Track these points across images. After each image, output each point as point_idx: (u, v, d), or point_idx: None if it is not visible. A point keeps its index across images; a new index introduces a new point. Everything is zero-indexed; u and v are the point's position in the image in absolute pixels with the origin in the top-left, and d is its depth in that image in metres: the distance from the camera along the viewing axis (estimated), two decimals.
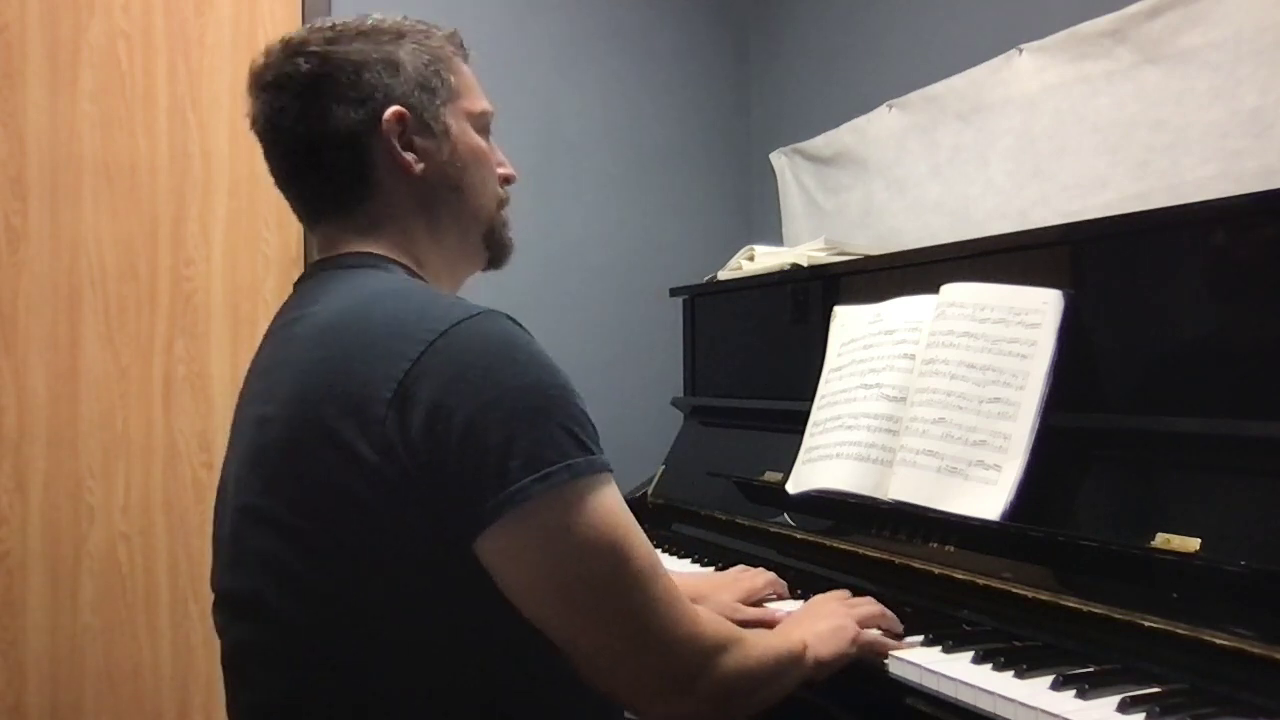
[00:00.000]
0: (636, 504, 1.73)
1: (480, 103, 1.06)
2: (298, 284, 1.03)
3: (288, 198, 1.04)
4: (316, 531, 0.85)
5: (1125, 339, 1.24)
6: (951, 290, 1.38)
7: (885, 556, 1.37)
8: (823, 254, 1.91)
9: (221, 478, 1.01)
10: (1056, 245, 1.37)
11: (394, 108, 0.97)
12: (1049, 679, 0.98)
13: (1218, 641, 0.96)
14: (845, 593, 1.21)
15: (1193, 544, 1.02)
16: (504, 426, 0.81)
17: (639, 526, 0.88)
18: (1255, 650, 0.92)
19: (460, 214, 1.04)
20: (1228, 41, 1.54)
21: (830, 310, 1.64)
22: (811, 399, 1.57)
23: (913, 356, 1.41)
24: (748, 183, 2.82)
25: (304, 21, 2.27)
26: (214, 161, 2.20)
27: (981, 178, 2.01)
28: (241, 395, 1.01)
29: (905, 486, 1.32)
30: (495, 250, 1.09)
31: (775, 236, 2.64)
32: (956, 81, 2.07)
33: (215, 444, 2.19)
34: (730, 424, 1.92)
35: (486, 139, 1.07)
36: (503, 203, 1.08)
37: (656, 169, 2.71)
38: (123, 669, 2.10)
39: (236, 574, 0.93)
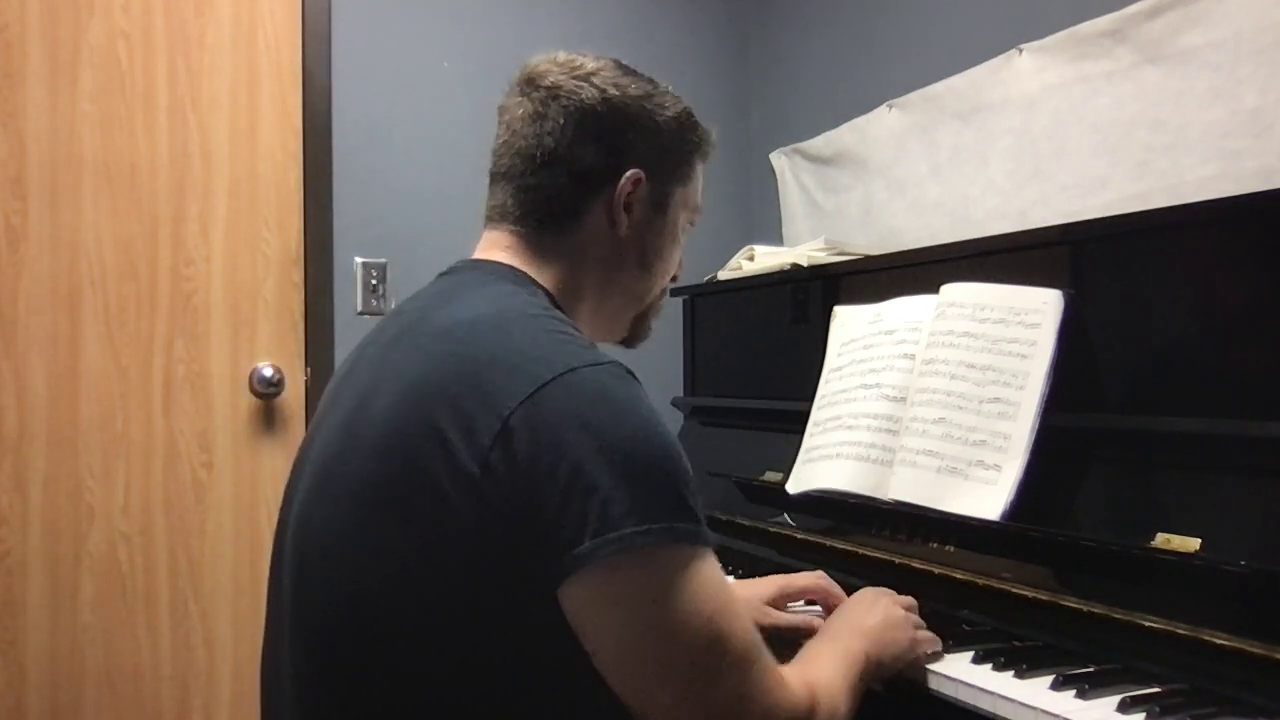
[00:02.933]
0: None
1: (698, 201, 1.10)
2: (443, 275, 1.03)
3: (491, 189, 1.04)
4: (388, 508, 0.83)
5: (1125, 339, 1.24)
6: (951, 290, 1.38)
7: (885, 556, 1.37)
8: (823, 254, 1.91)
9: (309, 431, 1.01)
10: (1056, 245, 1.37)
11: (637, 171, 1.00)
12: (1049, 679, 0.99)
13: (1218, 641, 0.96)
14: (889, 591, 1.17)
15: (1193, 544, 1.02)
16: (614, 472, 0.78)
17: (739, 605, 0.85)
18: (1255, 650, 0.92)
19: (631, 288, 1.06)
20: (1228, 41, 1.54)
21: (830, 310, 1.64)
22: (811, 399, 1.57)
23: (913, 356, 1.41)
24: (748, 183, 2.82)
25: (303, 22, 2.27)
26: (214, 161, 2.19)
27: (981, 178, 2.01)
28: (352, 361, 1.01)
29: (905, 486, 1.32)
30: (637, 332, 1.12)
31: (775, 236, 2.64)
32: (956, 81, 2.07)
33: (215, 444, 2.19)
34: (730, 424, 1.92)
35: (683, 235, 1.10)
36: (664, 293, 1.11)
37: None
38: (123, 669, 2.10)
39: (301, 541, 0.92)
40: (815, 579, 1.27)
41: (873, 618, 1.06)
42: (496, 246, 1.01)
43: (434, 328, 0.91)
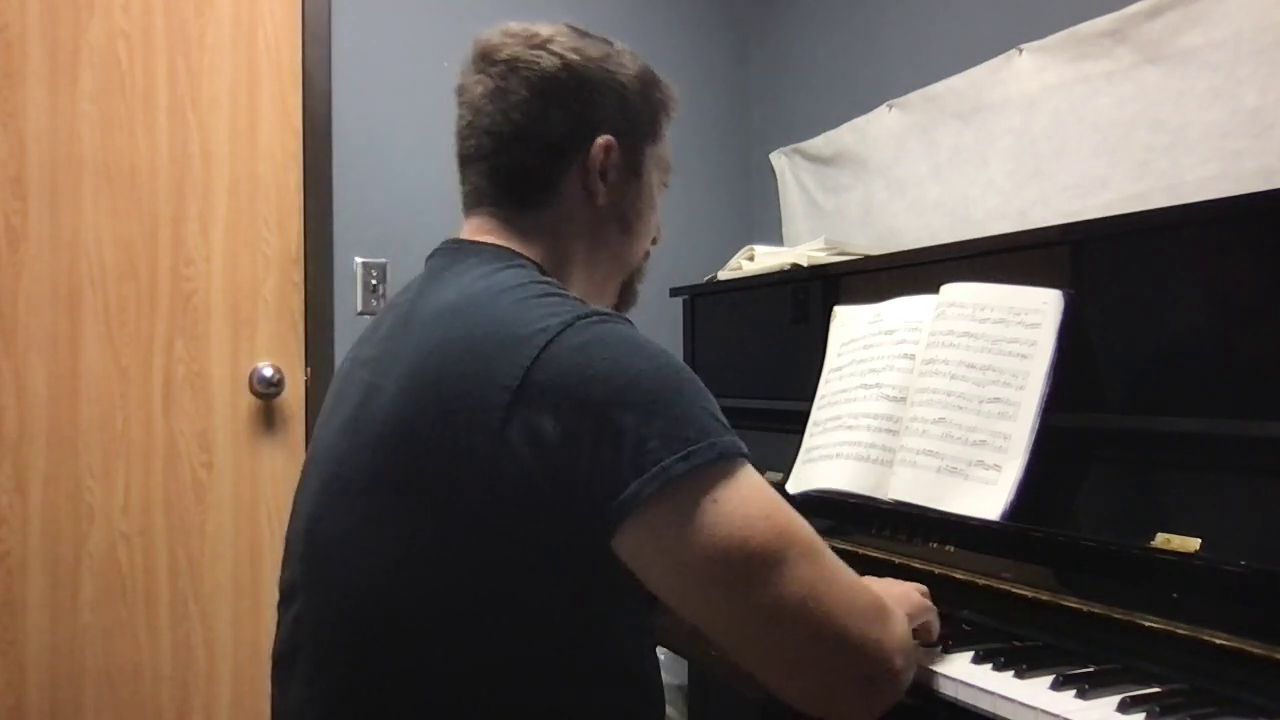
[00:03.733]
0: None
1: (669, 159, 1.09)
2: (429, 260, 1.01)
3: (463, 173, 1.02)
4: (402, 500, 0.82)
5: (1125, 339, 1.24)
6: (951, 290, 1.38)
7: (885, 556, 1.37)
8: (823, 254, 1.91)
9: (315, 434, 0.99)
10: (1056, 245, 1.37)
11: (608, 137, 0.98)
12: (1049, 679, 0.98)
13: (1218, 641, 0.96)
14: None
15: (1193, 544, 1.02)
16: (639, 409, 0.77)
17: (787, 504, 0.84)
18: (1255, 650, 0.92)
19: (617, 254, 1.05)
20: (1228, 41, 1.55)
21: (830, 310, 1.64)
22: (811, 399, 1.57)
23: (913, 356, 1.41)
24: (748, 183, 2.82)
25: (303, 22, 2.27)
26: (214, 161, 2.20)
27: (981, 178, 2.01)
28: (351, 359, 1.00)
29: (905, 486, 1.32)
30: (625, 299, 1.11)
31: (775, 236, 2.64)
32: (956, 81, 2.07)
33: (215, 444, 2.19)
34: (730, 424, 1.92)
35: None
36: (647, 257, 1.10)
37: None
38: (123, 669, 2.10)
39: (311, 546, 0.91)
40: None
41: (876, 583, 1.07)
42: (480, 231, 1.00)
43: (426, 314, 0.90)
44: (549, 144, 0.97)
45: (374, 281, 2.34)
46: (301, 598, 0.92)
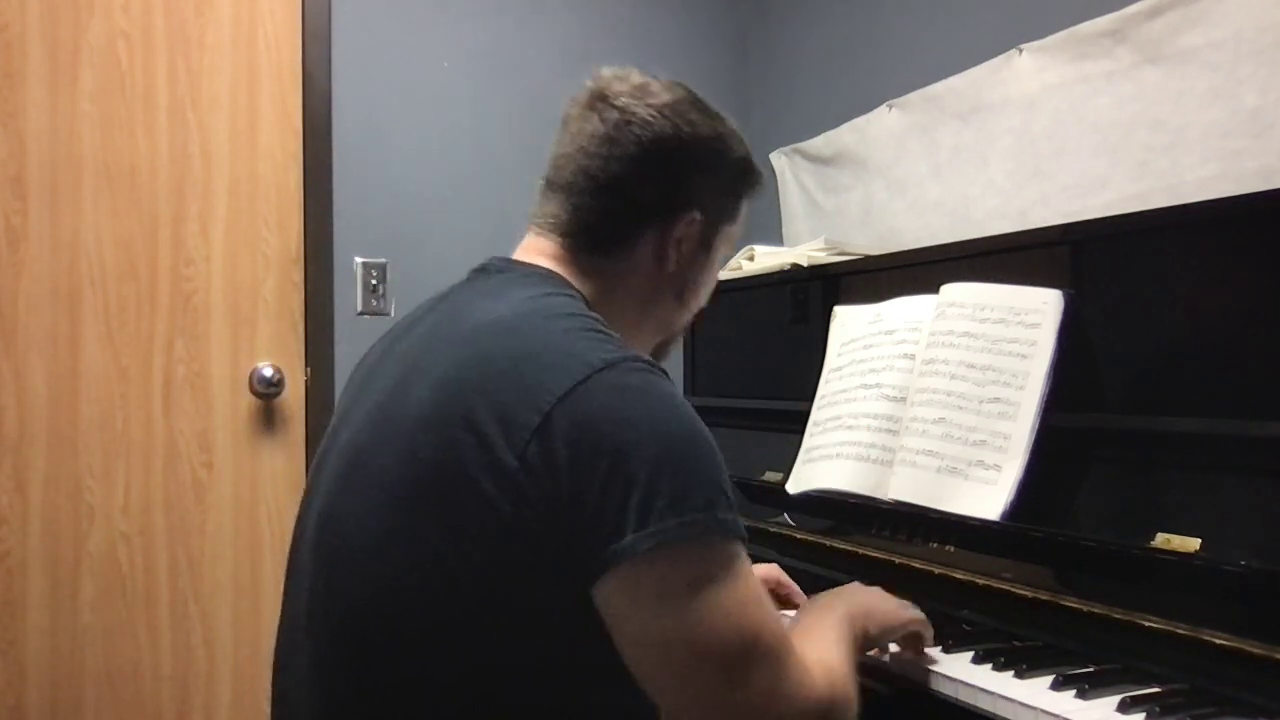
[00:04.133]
0: None
1: (738, 236, 1.10)
2: (477, 271, 1.02)
3: (547, 193, 1.03)
4: (421, 500, 0.83)
5: (1125, 339, 1.24)
6: (951, 290, 1.38)
7: (885, 556, 1.37)
8: (823, 254, 1.91)
9: (333, 423, 1.00)
10: (1056, 245, 1.37)
11: (696, 214, 1.00)
12: (1049, 679, 0.99)
13: (1218, 641, 0.96)
14: None
15: (1193, 544, 1.02)
16: (654, 465, 0.79)
17: (768, 597, 0.86)
18: (1255, 650, 0.93)
19: (664, 321, 1.07)
20: (1228, 41, 1.54)
21: (830, 310, 1.64)
22: (811, 399, 1.58)
23: (913, 356, 1.41)
24: None
25: (303, 22, 2.27)
26: (214, 161, 2.20)
27: (981, 178, 2.00)
28: (382, 350, 1.00)
29: (905, 486, 1.32)
30: (657, 357, 1.11)
31: (775, 236, 2.64)
32: (956, 81, 2.07)
33: (215, 444, 2.19)
34: (730, 424, 1.92)
35: None
36: (685, 326, 1.13)
37: None
38: (123, 669, 2.10)
39: (320, 545, 0.91)
40: (769, 569, 1.30)
41: (851, 593, 1.08)
42: (541, 253, 1.01)
43: (470, 323, 0.91)
44: (640, 204, 0.99)
45: (374, 281, 2.34)
46: (306, 596, 0.93)
